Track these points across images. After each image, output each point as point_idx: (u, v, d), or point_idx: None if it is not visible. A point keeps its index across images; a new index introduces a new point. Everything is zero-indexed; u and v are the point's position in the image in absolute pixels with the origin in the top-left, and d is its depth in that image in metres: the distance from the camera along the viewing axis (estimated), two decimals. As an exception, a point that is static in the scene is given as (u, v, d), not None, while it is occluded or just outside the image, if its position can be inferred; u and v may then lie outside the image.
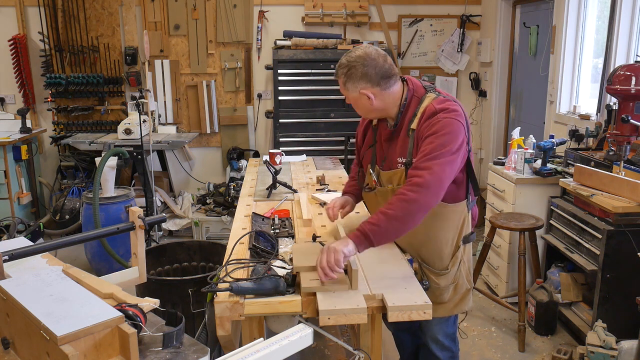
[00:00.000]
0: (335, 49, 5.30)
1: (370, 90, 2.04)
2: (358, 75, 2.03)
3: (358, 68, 2.02)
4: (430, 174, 1.88)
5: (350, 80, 2.04)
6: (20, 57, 5.33)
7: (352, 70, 2.03)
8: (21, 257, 1.62)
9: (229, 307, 1.74)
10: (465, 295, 2.23)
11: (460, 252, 2.17)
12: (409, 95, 2.09)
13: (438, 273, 2.17)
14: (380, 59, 2.04)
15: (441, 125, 1.95)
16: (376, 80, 2.03)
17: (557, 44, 4.27)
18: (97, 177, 3.98)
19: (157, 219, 1.91)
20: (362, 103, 2.10)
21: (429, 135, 1.96)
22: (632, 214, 2.86)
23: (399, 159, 2.09)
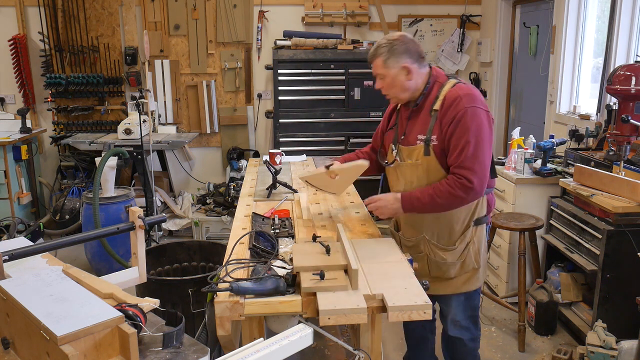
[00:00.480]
0: (335, 49, 5.31)
1: (411, 65, 2.20)
2: (401, 51, 2.18)
3: (400, 45, 2.19)
4: (478, 178, 2.12)
5: (393, 55, 2.18)
6: (20, 57, 5.33)
7: (395, 47, 2.19)
8: (21, 257, 1.62)
9: (229, 307, 1.74)
10: (472, 274, 2.34)
11: (470, 232, 2.28)
12: (432, 80, 2.26)
13: (445, 248, 2.29)
14: (416, 41, 2.26)
15: (468, 116, 2.11)
16: (416, 57, 2.22)
17: (557, 44, 4.27)
18: (97, 177, 3.98)
19: (157, 219, 1.91)
20: (399, 80, 2.22)
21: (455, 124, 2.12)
22: (632, 214, 2.86)
23: (419, 136, 2.24)
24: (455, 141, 2.13)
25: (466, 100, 2.13)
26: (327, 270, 1.83)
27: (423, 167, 2.24)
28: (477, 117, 2.12)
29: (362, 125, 5.44)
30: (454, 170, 2.14)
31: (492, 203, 2.41)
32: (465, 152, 2.11)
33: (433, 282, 2.27)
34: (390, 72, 2.21)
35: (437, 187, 2.16)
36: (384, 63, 2.21)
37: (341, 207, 2.81)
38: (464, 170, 2.12)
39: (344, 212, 2.73)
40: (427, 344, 2.74)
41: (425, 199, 2.17)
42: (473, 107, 2.12)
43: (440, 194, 2.14)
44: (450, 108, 2.15)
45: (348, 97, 5.36)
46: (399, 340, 3.34)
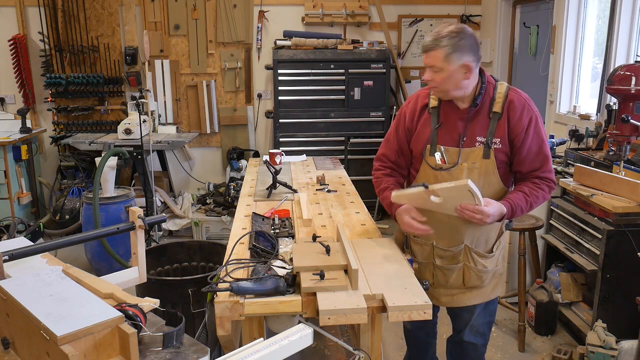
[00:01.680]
0: (335, 49, 5.31)
1: (472, 64, 2.04)
2: (467, 47, 2.01)
3: (467, 40, 2.02)
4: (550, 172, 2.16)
5: (459, 51, 2.00)
6: (20, 57, 5.33)
7: (463, 41, 2.00)
8: (21, 257, 1.62)
9: (229, 307, 1.74)
10: (499, 279, 2.35)
11: (503, 237, 2.29)
12: (486, 80, 2.14)
13: (485, 256, 2.23)
14: (476, 37, 2.10)
15: (540, 122, 2.15)
16: (477, 55, 2.07)
17: (557, 44, 4.27)
18: (97, 177, 3.98)
19: (157, 219, 1.91)
20: (456, 78, 2.05)
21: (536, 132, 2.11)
22: (632, 214, 2.86)
23: (478, 138, 2.13)
24: (534, 147, 2.10)
25: (532, 105, 2.13)
26: (327, 270, 1.83)
27: (480, 171, 2.12)
28: (541, 122, 2.17)
29: (362, 125, 5.44)
30: (542, 174, 2.13)
31: None
32: (547, 157, 2.14)
33: (463, 293, 2.25)
34: (450, 67, 2.02)
35: (534, 194, 2.11)
36: (445, 57, 2.01)
37: (341, 207, 2.81)
38: (550, 174, 2.15)
39: (344, 212, 2.73)
40: (429, 348, 2.68)
41: (526, 206, 2.11)
42: (537, 112, 2.14)
43: (537, 199, 2.13)
44: (522, 113, 2.09)
45: (348, 97, 5.36)
46: (399, 340, 3.34)
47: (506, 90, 2.13)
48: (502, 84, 2.16)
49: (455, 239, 2.21)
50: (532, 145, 2.10)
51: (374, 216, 5.34)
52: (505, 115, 2.09)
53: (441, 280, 2.26)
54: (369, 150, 5.51)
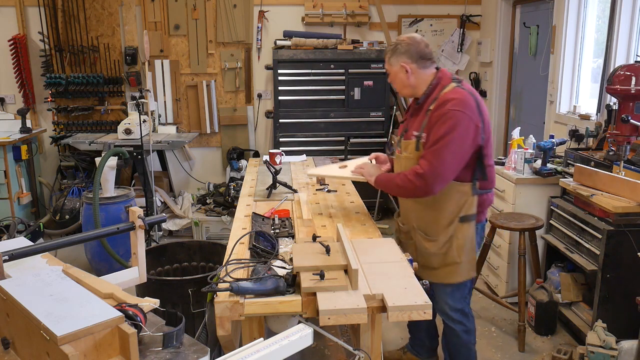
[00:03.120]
0: (335, 49, 5.31)
1: (409, 65, 2.41)
2: (401, 51, 2.42)
3: (403, 45, 2.43)
4: (429, 166, 2.30)
5: (395, 54, 2.43)
6: (20, 57, 5.33)
7: (398, 47, 2.44)
8: (21, 257, 1.62)
9: (229, 307, 1.74)
10: (454, 268, 2.47)
11: (453, 227, 2.42)
12: (435, 81, 2.43)
13: (429, 239, 2.47)
14: (422, 44, 2.45)
15: (446, 117, 2.28)
16: (415, 58, 2.41)
17: (557, 44, 4.27)
18: (97, 177, 3.98)
19: (157, 219, 1.91)
20: (400, 77, 2.46)
21: (436, 123, 2.31)
22: (632, 214, 2.86)
23: (414, 132, 2.42)
24: (431, 137, 2.32)
25: (453, 103, 2.29)
26: (327, 270, 1.83)
27: (414, 161, 2.40)
28: (457, 120, 2.26)
29: (362, 125, 5.44)
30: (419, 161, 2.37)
31: (485, 204, 2.53)
32: (432, 146, 2.31)
33: (421, 269, 2.42)
34: (392, 68, 2.46)
35: (404, 172, 2.41)
36: (388, 60, 2.48)
37: (341, 207, 2.82)
38: (422, 160, 2.33)
39: (344, 212, 2.73)
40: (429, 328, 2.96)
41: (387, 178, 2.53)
42: (457, 111, 2.27)
43: (398, 176, 2.45)
44: (438, 109, 2.31)
45: (348, 97, 5.36)
46: (399, 340, 3.34)
47: (449, 90, 2.35)
48: (452, 84, 2.37)
49: (407, 218, 2.57)
50: (431, 136, 2.32)
51: (374, 216, 5.34)
52: (432, 112, 2.35)
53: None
54: (369, 150, 5.46)
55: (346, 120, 5.40)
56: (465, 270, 2.48)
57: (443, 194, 2.38)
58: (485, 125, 2.34)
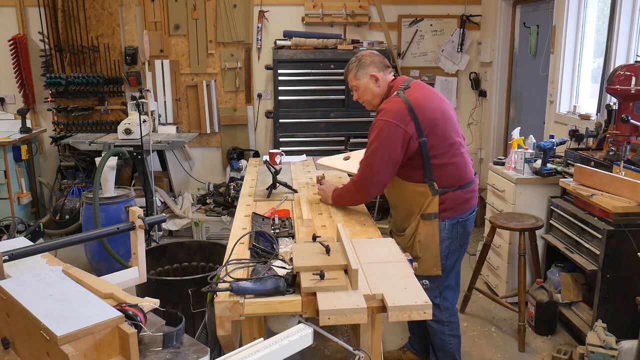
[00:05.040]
0: (335, 49, 5.31)
1: (377, 74, 2.58)
2: (367, 63, 2.58)
3: (367, 58, 2.60)
4: (361, 174, 2.56)
5: (362, 67, 2.58)
6: (20, 57, 5.33)
7: (362, 60, 2.59)
8: (21, 257, 1.62)
9: (229, 307, 1.74)
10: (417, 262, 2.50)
11: (416, 223, 2.59)
12: (387, 90, 2.60)
13: (397, 233, 2.71)
14: (378, 54, 2.66)
15: (374, 127, 2.50)
16: (380, 66, 2.60)
17: (557, 44, 4.27)
18: (97, 177, 3.98)
19: (157, 219, 1.91)
20: (370, 88, 2.60)
21: (369, 135, 2.54)
22: (632, 214, 2.86)
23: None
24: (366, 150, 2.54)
25: (381, 114, 2.48)
26: (327, 270, 1.83)
27: None
28: (380, 129, 2.45)
29: (362, 125, 5.44)
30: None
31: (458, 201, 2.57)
32: (365, 156, 2.54)
33: None
34: (361, 82, 2.60)
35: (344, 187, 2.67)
36: (354, 76, 2.60)
37: (341, 207, 2.81)
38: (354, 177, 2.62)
39: (344, 212, 2.73)
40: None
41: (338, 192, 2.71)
42: (382, 120, 2.46)
43: (344, 187, 2.68)
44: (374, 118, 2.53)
45: (348, 97, 5.36)
46: (399, 340, 3.34)
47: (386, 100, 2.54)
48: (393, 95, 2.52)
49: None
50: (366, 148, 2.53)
51: (374, 216, 5.34)
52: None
53: None
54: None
55: (346, 120, 5.40)
56: (427, 265, 2.58)
57: (403, 195, 2.61)
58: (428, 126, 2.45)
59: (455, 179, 2.55)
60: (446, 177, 2.52)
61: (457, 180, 2.56)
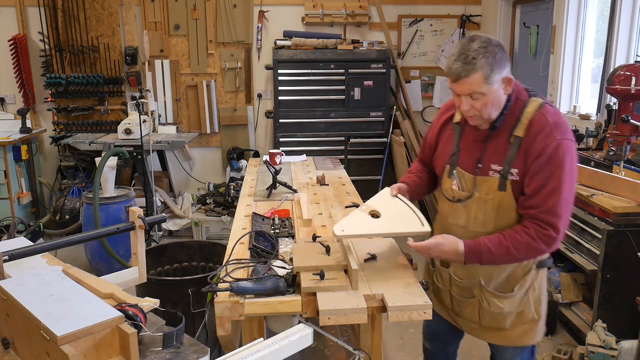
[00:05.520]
0: (335, 49, 5.31)
1: (510, 74, 1.78)
2: (505, 58, 1.76)
3: (499, 51, 1.75)
4: (564, 227, 1.78)
5: (498, 65, 1.73)
6: (20, 57, 5.33)
7: (497, 55, 1.73)
8: (21, 257, 1.62)
9: (229, 307, 1.74)
10: (531, 326, 1.98)
11: (531, 276, 1.93)
12: (513, 96, 1.82)
13: (502, 295, 1.94)
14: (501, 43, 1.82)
15: (563, 154, 1.73)
16: (510, 63, 1.82)
17: (557, 44, 4.27)
18: (97, 177, 3.98)
19: (157, 219, 1.91)
20: (499, 96, 1.78)
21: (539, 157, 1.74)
22: (632, 214, 2.86)
23: (492, 166, 1.84)
24: (542, 180, 1.74)
25: (558, 130, 1.75)
26: (327, 270, 1.83)
27: (493, 203, 1.85)
28: (570, 153, 1.75)
29: (362, 125, 5.44)
30: (539, 214, 1.75)
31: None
32: (557, 195, 1.73)
33: (483, 330, 2.03)
34: (493, 87, 1.74)
35: (514, 237, 1.77)
36: (486, 77, 1.72)
37: (341, 207, 2.81)
38: (551, 217, 1.73)
39: (344, 212, 2.72)
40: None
41: (499, 251, 1.77)
42: (566, 140, 1.75)
43: (519, 245, 1.76)
44: (537, 138, 1.75)
45: (348, 97, 5.36)
46: (399, 340, 3.34)
47: (536, 109, 1.78)
48: (535, 101, 1.81)
49: (469, 271, 1.97)
50: (541, 178, 1.74)
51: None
52: (526, 141, 1.78)
53: (457, 310, 2.09)
54: (369, 150, 5.51)
55: (346, 120, 5.40)
56: (542, 327, 2.01)
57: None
58: None
59: None
60: None
61: None
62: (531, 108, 1.79)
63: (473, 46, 1.73)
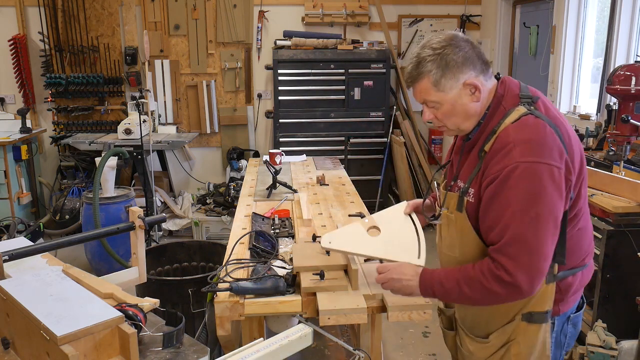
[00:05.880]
0: (335, 49, 5.31)
1: (476, 79, 1.50)
2: (459, 61, 1.47)
3: (454, 52, 1.47)
4: (524, 271, 1.40)
5: (450, 70, 1.47)
6: (20, 57, 5.33)
7: (449, 57, 1.47)
8: (21, 257, 1.62)
9: (229, 307, 1.74)
10: None
11: (512, 328, 1.57)
12: (494, 102, 1.54)
13: (474, 339, 1.66)
14: (471, 40, 1.54)
15: (522, 179, 1.39)
16: (479, 65, 1.51)
17: (557, 44, 4.27)
18: (97, 177, 3.98)
19: (157, 219, 1.91)
20: (461, 104, 1.52)
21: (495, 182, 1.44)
22: (632, 214, 2.86)
23: (459, 182, 1.61)
24: (496, 210, 1.44)
25: (522, 150, 1.41)
26: (327, 270, 1.83)
27: (456, 225, 1.59)
28: (534, 178, 1.39)
29: (362, 125, 5.44)
30: (492, 253, 1.46)
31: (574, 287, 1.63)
32: (510, 231, 1.41)
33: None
34: (448, 95, 1.50)
35: (467, 272, 1.49)
36: (436, 84, 1.50)
37: (341, 207, 2.81)
38: (503, 257, 1.42)
39: (344, 212, 2.72)
40: None
41: (450, 285, 1.51)
42: (532, 163, 1.39)
43: (470, 282, 1.47)
44: (495, 158, 1.45)
45: (348, 97, 5.36)
46: (399, 340, 3.34)
47: (513, 120, 1.48)
48: (519, 110, 1.49)
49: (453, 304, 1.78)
50: (495, 208, 1.44)
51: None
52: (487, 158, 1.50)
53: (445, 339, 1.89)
54: (369, 150, 5.51)
55: (346, 120, 5.40)
56: None
57: None
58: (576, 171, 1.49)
59: (581, 252, 1.63)
60: (572, 250, 1.57)
61: (582, 254, 1.64)
62: (510, 119, 1.48)
63: (426, 47, 1.52)
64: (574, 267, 1.60)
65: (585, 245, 1.66)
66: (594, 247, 1.76)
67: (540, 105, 1.52)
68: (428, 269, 1.59)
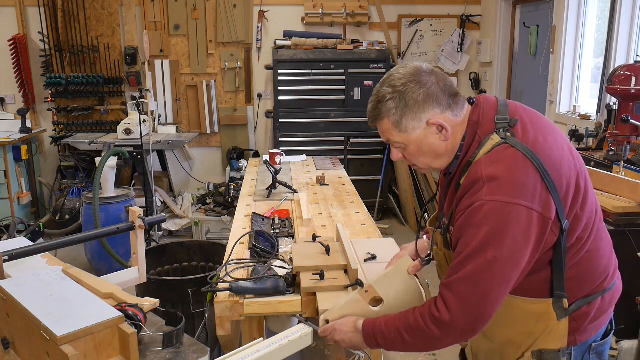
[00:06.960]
0: (335, 49, 5.31)
1: (442, 117, 1.37)
2: (419, 99, 1.36)
3: (414, 89, 1.36)
4: (460, 308, 1.31)
5: (410, 109, 1.36)
6: (20, 57, 5.33)
7: (409, 95, 1.36)
8: (21, 257, 1.62)
9: (229, 307, 1.74)
10: None
11: None
12: (468, 131, 1.41)
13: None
14: (436, 72, 1.41)
15: (480, 216, 1.29)
16: (445, 100, 1.38)
17: (557, 44, 4.27)
18: (97, 177, 3.98)
19: (157, 219, 1.91)
20: (429, 144, 1.40)
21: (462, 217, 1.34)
22: (632, 214, 2.86)
23: (444, 219, 1.50)
24: (460, 246, 1.34)
25: (489, 188, 1.29)
26: (327, 270, 1.83)
27: (445, 263, 1.52)
28: (499, 219, 1.28)
29: (362, 125, 5.44)
30: (441, 287, 1.37)
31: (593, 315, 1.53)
32: (464, 269, 1.31)
33: None
34: (412, 136, 1.39)
35: (407, 319, 1.39)
36: (396, 126, 1.39)
37: (341, 207, 2.81)
38: (449, 293, 1.33)
39: (344, 212, 2.73)
40: None
41: (392, 335, 1.40)
42: (497, 202, 1.28)
43: (410, 329, 1.37)
44: (466, 193, 1.35)
45: (348, 97, 5.36)
46: (399, 340, 3.34)
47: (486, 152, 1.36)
48: (493, 139, 1.36)
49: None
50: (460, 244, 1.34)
51: (374, 216, 5.34)
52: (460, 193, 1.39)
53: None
54: (369, 150, 5.51)
55: (346, 120, 5.40)
56: None
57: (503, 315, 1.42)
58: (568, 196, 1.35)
59: (595, 276, 1.52)
60: (582, 278, 1.47)
61: (597, 278, 1.53)
62: (484, 149, 1.36)
63: (385, 85, 1.42)
64: (590, 295, 1.49)
65: (602, 267, 1.53)
66: (616, 265, 1.61)
67: (519, 129, 1.39)
68: (370, 319, 1.47)
